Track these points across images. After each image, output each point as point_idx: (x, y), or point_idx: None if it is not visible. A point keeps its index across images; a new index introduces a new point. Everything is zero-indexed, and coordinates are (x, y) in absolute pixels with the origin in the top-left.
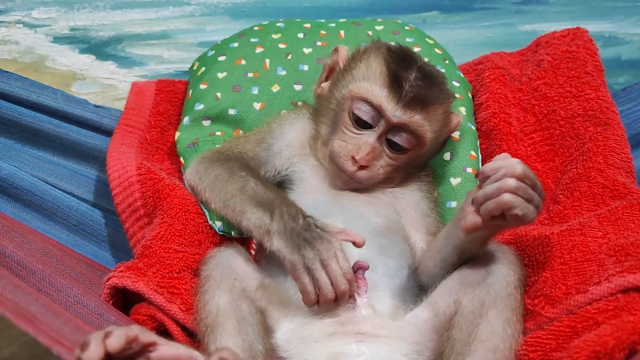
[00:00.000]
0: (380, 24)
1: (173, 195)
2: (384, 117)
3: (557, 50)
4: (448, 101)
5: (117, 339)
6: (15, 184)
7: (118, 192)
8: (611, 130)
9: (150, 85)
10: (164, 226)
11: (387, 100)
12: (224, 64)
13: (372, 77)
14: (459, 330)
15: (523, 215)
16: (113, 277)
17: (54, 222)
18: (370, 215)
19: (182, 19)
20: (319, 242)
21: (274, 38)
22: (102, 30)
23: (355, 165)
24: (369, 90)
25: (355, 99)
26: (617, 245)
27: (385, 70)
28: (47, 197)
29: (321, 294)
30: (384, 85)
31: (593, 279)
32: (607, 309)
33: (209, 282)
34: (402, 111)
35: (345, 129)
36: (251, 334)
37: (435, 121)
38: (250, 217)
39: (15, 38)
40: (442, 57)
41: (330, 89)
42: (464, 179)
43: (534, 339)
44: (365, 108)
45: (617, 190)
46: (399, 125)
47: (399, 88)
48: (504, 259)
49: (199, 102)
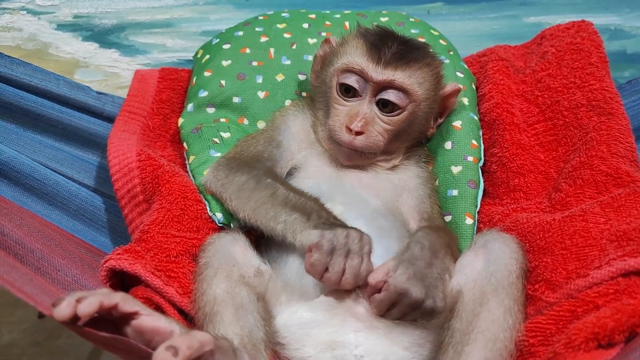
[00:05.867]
0: (385, 15)
1: (172, 181)
2: (368, 79)
3: (562, 42)
4: (433, 63)
5: (89, 305)
6: (16, 168)
7: (118, 177)
8: (615, 120)
9: (153, 73)
10: (162, 211)
11: (368, 63)
12: (228, 52)
13: (352, 51)
14: (459, 320)
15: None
16: (110, 259)
17: (54, 206)
18: (370, 197)
19: (185, 7)
20: (354, 234)
21: (279, 28)
22: (105, 18)
23: (351, 134)
24: (350, 60)
25: (340, 73)
26: (619, 231)
27: (363, 42)
28: (47, 181)
29: (326, 275)
30: (363, 53)
31: (594, 264)
32: (608, 293)
33: (207, 269)
34: (383, 69)
35: (336, 105)
36: (251, 321)
37: (422, 79)
38: (286, 220)
39: (19, 25)
40: (447, 49)
41: (321, 73)
42: (464, 167)
43: (533, 324)
44: (349, 75)
45: (621, 178)
46: (384, 84)
47: (378, 52)
48: (506, 247)
49: (203, 89)
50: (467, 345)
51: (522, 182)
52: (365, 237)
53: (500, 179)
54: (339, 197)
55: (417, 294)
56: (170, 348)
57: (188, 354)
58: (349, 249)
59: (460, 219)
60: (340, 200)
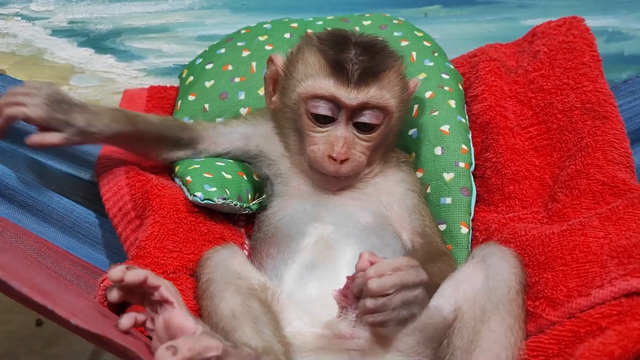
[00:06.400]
0: (367, 19)
1: (162, 195)
2: (341, 105)
3: (554, 41)
4: (397, 64)
5: (136, 275)
6: (10, 185)
7: (108, 197)
8: (610, 124)
9: (142, 93)
10: (156, 226)
11: (337, 88)
12: (211, 72)
13: (313, 72)
14: (460, 338)
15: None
16: (107, 278)
17: (49, 223)
18: (358, 213)
19: (181, 12)
20: None
21: (260, 40)
22: (100, 23)
23: (335, 163)
24: (316, 86)
25: (306, 99)
26: (619, 247)
27: (323, 59)
28: (41, 198)
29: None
30: (328, 75)
31: (595, 282)
32: (611, 314)
33: (213, 285)
34: (356, 92)
35: (310, 132)
36: (268, 333)
37: (393, 87)
38: None
39: (14, 31)
40: (431, 50)
41: (281, 99)
42: (456, 174)
43: (535, 343)
44: (320, 104)
45: (617, 187)
46: (360, 106)
47: (343, 71)
48: (505, 262)
49: (188, 116)
50: None
51: (517, 189)
52: None
53: (495, 186)
54: (328, 217)
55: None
56: (170, 347)
57: (188, 355)
58: None
59: (455, 228)
60: (329, 219)
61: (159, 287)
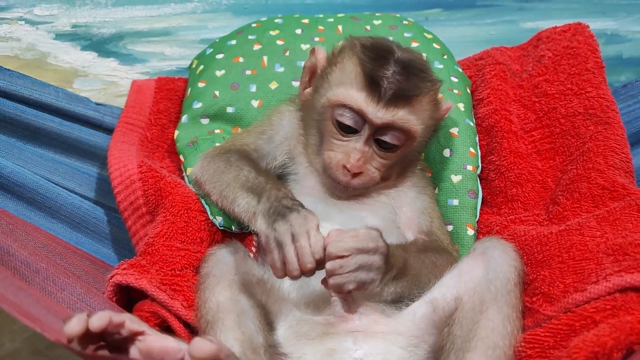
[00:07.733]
0: (378, 18)
1: (175, 193)
2: (367, 120)
3: (558, 46)
4: (433, 89)
5: (100, 319)
6: (19, 182)
7: (120, 190)
8: (612, 130)
9: (150, 83)
10: (166, 224)
11: (367, 103)
12: (222, 62)
13: (347, 81)
14: (460, 327)
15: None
16: (117, 274)
17: (57, 219)
18: (368, 217)
19: (183, 15)
20: (294, 217)
21: (271, 35)
22: (103, 27)
23: (348, 175)
24: (347, 96)
25: (335, 106)
26: (615, 245)
27: (361, 71)
28: (50, 194)
29: (287, 269)
30: (361, 88)
31: (591, 278)
32: (605, 308)
33: (209, 279)
34: (384, 111)
35: (332, 138)
36: (251, 327)
37: (422, 112)
38: (240, 203)
39: (17, 35)
40: (441, 52)
41: (313, 95)
42: (464, 177)
43: (532, 336)
44: (346, 114)
45: (617, 191)
46: (385, 126)
47: (377, 87)
48: (505, 254)
49: (197, 100)
50: (468, 352)
51: (519, 191)
52: (309, 215)
53: (498, 188)
54: (337, 217)
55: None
56: None
57: None
58: (292, 233)
59: (462, 229)
60: (338, 220)
61: (124, 322)
